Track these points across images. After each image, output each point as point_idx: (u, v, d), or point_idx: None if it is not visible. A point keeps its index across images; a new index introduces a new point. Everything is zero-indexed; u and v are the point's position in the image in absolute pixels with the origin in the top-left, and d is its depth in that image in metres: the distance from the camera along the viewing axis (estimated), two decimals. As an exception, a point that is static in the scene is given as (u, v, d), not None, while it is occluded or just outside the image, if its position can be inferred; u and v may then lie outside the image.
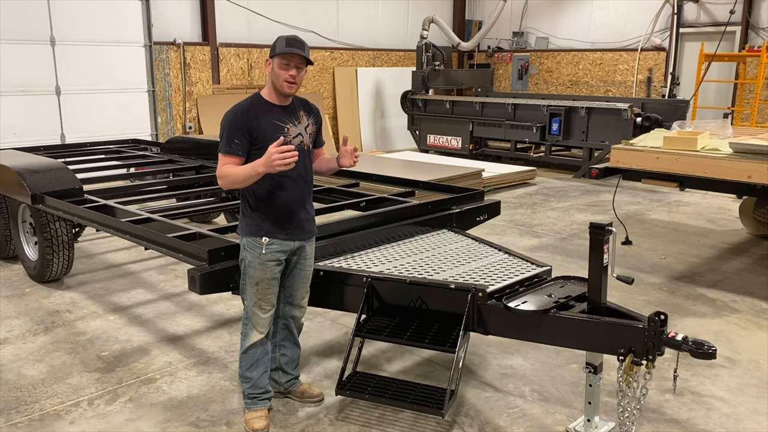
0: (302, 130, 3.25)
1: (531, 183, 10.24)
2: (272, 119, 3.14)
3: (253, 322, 3.29)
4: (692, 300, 5.23)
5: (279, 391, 3.63)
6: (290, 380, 3.61)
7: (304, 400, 3.59)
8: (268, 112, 3.14)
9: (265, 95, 3.19)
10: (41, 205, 5.14)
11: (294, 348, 3.59)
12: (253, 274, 3.21)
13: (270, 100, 3.18)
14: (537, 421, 3.46)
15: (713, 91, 12.32)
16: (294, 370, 3.62)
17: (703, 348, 2.78)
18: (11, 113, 9.11)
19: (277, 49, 3.07)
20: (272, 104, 3.17)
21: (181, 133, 11.22)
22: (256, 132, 3.10)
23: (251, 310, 3.28)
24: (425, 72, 12.47)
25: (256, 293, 3.24)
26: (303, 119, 3.27)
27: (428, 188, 5.62)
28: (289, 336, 3.54)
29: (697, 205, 8.63)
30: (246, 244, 3.22)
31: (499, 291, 3.35)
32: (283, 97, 3.18)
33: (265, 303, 3.27)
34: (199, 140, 7.42)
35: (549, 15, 14.54)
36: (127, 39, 10.18)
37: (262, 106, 3.16)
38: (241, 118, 3.09)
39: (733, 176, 5.07)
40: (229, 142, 3.08)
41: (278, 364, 3.59)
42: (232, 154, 3.08)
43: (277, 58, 3.08)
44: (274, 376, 3.60)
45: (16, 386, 3.82)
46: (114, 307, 5.06)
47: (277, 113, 3.17)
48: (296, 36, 3.13)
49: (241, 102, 3.18)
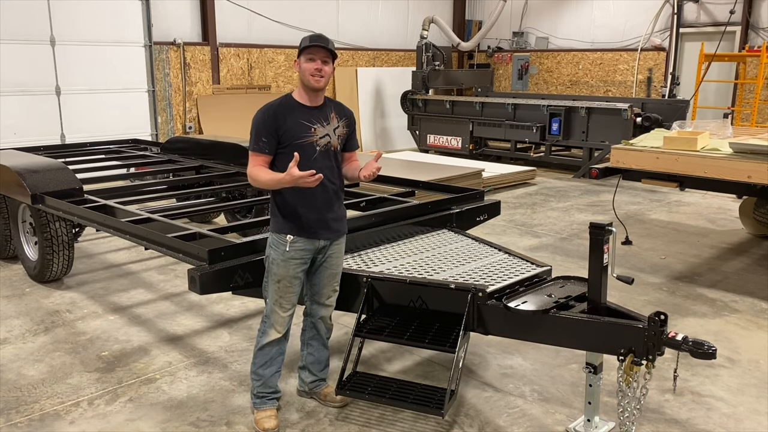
0: (330, 132, 3.25)
1: (531, 183, 10.24)
2: (299, 119, 3.16)
3: (272, 320, 3.30)
4: (692, 300, 5.23)
5: (304, 390, 3.63)
6: (315, 381, 3.59)
7: (327, 403, 3.56)
8: (295, 112, 3.18)
9: (296, 96, 3.23)
10: (41, 205, 5.14)
11: (321, 349, 3.56)
12: (275, 271, 3.23)
13: (299, 100, 3.21)
14: (537, 421, 3.46)
15: (713, 91, 12.32)
16: (320, 372, 3.59)
17: (703, 348, 2.78)
18: (11, 113, 9.11)
19: (302, 46, 3.14)
20: (301, 104, 3.20)
21: (181, 133, 11.22)
22: (283, 131, 3.14)
23: (271, 308, 3.29)
24: (425, 72, 12.47)
25: (277, 290, 3.25)
26: (333, 121, 3.27)
27: (428, 188, 5.62)
28: (316, 336, 3.53)
29: (697, 205, 8.63)
30: (272, 241, 3.26)
31: (499, 291, 3.35)
32: (314, 95, 3.20)
33: (286, 301, 3.28)
34: (199, 140, 7.42)
35: (549, 15, 14.54)
36: (127, 39, 10.18)
37: (291, 106, 3.19)
38: (269, 118, 3.14)
39: (733, 176, 5.06)
40: (257, 140, 3.15)
41: (304, 363, 3.59)
42: (259, 152, 3.15)
43: (302, 55, 3.13)
44: (300, 375, 3.62)
45: (16, 386, 3.82)
46: (114, 307, 5.06)
47: (305, 113, 3.19)
48: (320, 33, 3.21)
49: (271, 101, 3.23)
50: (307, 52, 3.12)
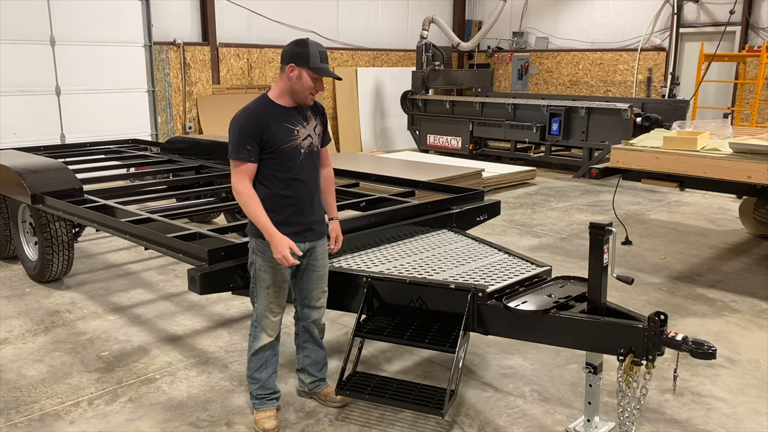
0: (311, 131, 3.22)
1: (531, 183, 10.24)
2: (283, 122, 3.10)
3: (263, 325, 3.29)
4: (692, 300, 5.23)
5: (303, 391, 3.63)
6: (314, 382, 3.59)
7: (327, 403, 3.56)
8: (278, 116, 3.10)
9: (274, 97, 3.14)
10: (41, 205, 5.14)
11: (317, 350, 3.56)
12: (264, 277, 3.20)
13: (279, 102, 3.13)
14: (537, 421, 3.45)
15: (713, 91, 12.32)
16: (319, 372, 3.59)
17: (703, 348, 2.78)
18: (11, 113, 9.11)
19: (311, 63, 3.03)
20: (281, 107, 3.13)
21: (181, 133, 11.21)
22: (267, 136, 3.06)
23: (262, 314, 3.27)
24: (425, 72, 12.47)
25: (267, 296, 3.23)
26: (311, 119, 3.23)
27: (428, 188, 5.62)
28: (310, 339, 3.52)
29: (697, 205, 8.63)
30: (256, 247, 3.20)
31: (499, 291, 3.35)
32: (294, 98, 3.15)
33: (276, 306, 3.27)
34: (199, 140, 7.42)
35: (549, 15, 14.54)
36: (127, 39, 10.18)
37: (272, 110, 3.11)
38: (253, 124, 3.04)
39: (733, 176, 5.06)
40: (241, 149, 3.03)
41: (302, 365, 3.59)
42: (244, 161, 3.04)
43: (308, 70, 3.04)
44: (299, 377, 3.61)
45: (16, 386, 3.82)
46: (114, 307, 5.06)
47: (287, 116, 3.13)
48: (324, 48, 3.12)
49: (249, 105, 3.13)
50: (316, 71, 3.05)
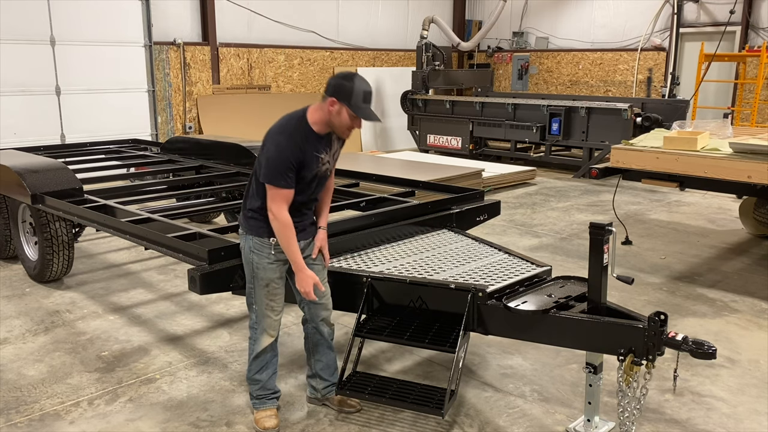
0: (331, 158, 3.24)
1: (531, 183, 10.24)
2: (314, 152, 3.11)
3: (263, 326, 3.28)
4: (692, 300, 5.23)
5: (316, 398, 3.58)
6: (327, 386, 3.55)
7: (342, 409, 3.52)
8: (311, 143, 3.10)
9: (312, 122, 3.11)
10: (41, 205, 5.13)
11: (328, 352, 3.52)
12: (263, 275, 3.20)
13: (316, 130, 3.11)
14: (537, 421, 3.46)
15: (713, 91, 12.32)
16: (331, 376, 3.54)
17: (703, 348, 2.78)
18: (11, 113, 9.11)
19: (352, 102, 3.00)
20: (316, 134, 3.12)
21: (181, 133, 11.22)
22: (301, 164, 3.07)
23: (262, 313, 3.26)
24: (425, 72, 12.47)
25: (266, 294, 3.23)
26: (334, 145, 3.24)
27: (428, 188, 5.61)
28: (321, 340, 3.49)
29: (697, 205, 8.63)
30: (253, 246, 3.19)
31: (499, 291, 3.35)
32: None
33: (276, 304, 3.27)
34: (199, 140, 7.42)
35: (549, 15, 14.54)
36: (127, 39, 10.18)
37: (308, 136, 3.09)
38: (296, 153, 3.03)
39: (733, 176, 5.07)
40: (284, 175, 3.01)
41: (314, 371, 3.54)
42: (286, 188, 3.04)
43: (349, 108, 3.01)
44: (311, 383, 3.57)
45: (16, 386, 3.82)
46: (114, 307, 5.06)
47: (318, 144, 3.13)
48: (370, 89, 3.09)
49: (290, 125, 3.10)
50: (356, 112, 3.02)
